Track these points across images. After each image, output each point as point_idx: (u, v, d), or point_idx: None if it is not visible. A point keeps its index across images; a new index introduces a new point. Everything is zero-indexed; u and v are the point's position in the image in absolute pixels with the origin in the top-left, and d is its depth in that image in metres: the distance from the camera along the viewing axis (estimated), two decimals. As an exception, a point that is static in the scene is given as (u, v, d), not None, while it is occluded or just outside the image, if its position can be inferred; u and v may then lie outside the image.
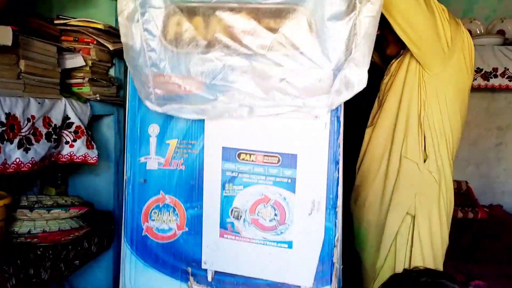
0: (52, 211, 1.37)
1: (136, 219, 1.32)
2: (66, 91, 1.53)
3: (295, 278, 1.27)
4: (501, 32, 3.60)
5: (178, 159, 1.30)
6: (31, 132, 1.26)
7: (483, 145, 3.75)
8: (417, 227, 1.54)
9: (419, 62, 1.49)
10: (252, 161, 1.28)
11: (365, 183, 1.68)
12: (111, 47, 1.60)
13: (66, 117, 1.45)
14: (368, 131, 1.69)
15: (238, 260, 1.29)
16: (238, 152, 1.27)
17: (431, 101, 1.51)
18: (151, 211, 1.32)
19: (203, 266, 1.31)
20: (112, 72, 1.82)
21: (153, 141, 1.30)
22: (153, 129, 1.30)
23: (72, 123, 1.48)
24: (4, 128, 1.15)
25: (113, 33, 1.63)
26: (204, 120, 1.27)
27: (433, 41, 1.41)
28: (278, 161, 1.25)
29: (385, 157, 1.60)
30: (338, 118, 1.23)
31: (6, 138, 1.16)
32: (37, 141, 1.29)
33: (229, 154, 1.27)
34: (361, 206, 1.70)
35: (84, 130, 1.52)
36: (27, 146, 1.25)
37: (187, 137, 1.29)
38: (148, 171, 1.30)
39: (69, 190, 1.86)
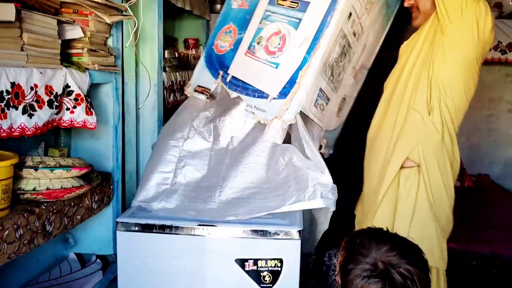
0: (55, 171, 1.52)
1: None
2: (66, 60, 1.65)
3: (272, 89, 1.82)
4: (498, 5, 3.61)
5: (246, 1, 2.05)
6: (34, 100, 1.39)
7: (475, 116, 3.85)
8: (421, 175, 1.75)
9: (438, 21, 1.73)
10: (282, 4, 1.87)
11: (376, 133, 1.92)
12: (108, 20, 1.70)
13: (66, 86, 1.58)
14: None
15: (248, 71, 1.91)
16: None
17: (438, 60, 1.74)
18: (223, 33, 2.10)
19: (228, 72, 2.00)
20: (110, 42, 1.93)
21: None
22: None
23: (72, 91, 1.61)
24: (9, 96, 1.28)
25: (110, 6, 1.73)
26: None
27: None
28: (297, 5, 1.81)
29: (395, 108, 1.83)
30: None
31: (12, 105, 1.30)
32: (40, 107, 1.43)
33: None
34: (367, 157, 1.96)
35: (84, 98, 1.64)
36: (31, 112, 1.38)
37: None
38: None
39: (72, 153, 2.01)
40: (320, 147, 2.01)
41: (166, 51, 2.76)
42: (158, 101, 2.40)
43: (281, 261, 1.50)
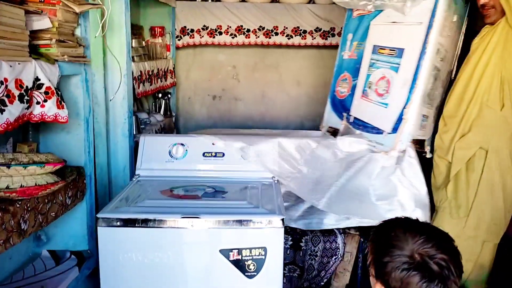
0: (28, 168, 1.47)
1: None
2: (34, 52, 1.58)
3: (386, 125, 2.17)
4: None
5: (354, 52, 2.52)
6: (4, 95, 1.33)
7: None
8: (488, 160, 1.93)
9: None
10: (382, 53, 2.25)
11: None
12: (77, 9, 1.64)
13: (36, 79, 1.52)
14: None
15: (365, 112, 2.32)
16: (377, 48, 2.29)
17: (509, 58, 1.87)
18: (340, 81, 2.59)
19: (350, 113, 2.44)
20: (78, 32, 1.86)
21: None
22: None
23: (42, 84, 1.54)
24: (-21, 92, 1.22)
25: (78, -6, 1.66)
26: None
27: None
28: (395, 53, 2.17)
29: (464, 104, 1.99)
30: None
31: (-18, 101, 1.24)
32: (11, 102, 1.36)
33: (375, 49, 2.30)
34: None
35: (54, 91, 1.58)
36: (2, 107, 1.32)
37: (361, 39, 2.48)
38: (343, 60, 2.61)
39: (41, 147, 1.94)
40: (425, 152, 2.25)
41: (133, 40, 2.70)
42: (128, 92, 2.35)
43: (265, 249, 1.53)
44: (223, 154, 2.04)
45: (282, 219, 1.54)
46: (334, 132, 2.56)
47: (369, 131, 2.28)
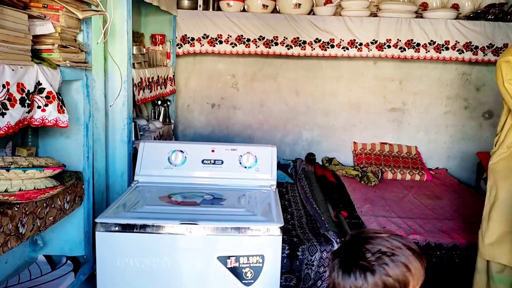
0: (27, 171, 1.47)
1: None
2: (36, 57, 1.59)
3: None
4: (455, 7, 3.79)
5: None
6: (6, 98, 1.34)
7: (433, 112, 4.04)
8: None
9: None
10: None
11: None
12: (80, 16, 1.66)
13: (38, 83, 1.52)
14: None
15: None
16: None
17: None
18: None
19: None
20: (80, 38, 1.87)
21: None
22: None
23: (44, 88, 1.55)
24: (-19, 94, 1.23)
25: (81, 0, 1.68)
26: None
27: None
28: None
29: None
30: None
31: (-16, 103, 1.24)
32: (12, 106, 1.37)
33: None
34: None
35: (56, 95, 1.59)
36: (3, 111, 1.33)
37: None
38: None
39: (40, 151, 1.94)
40: None
41: (134, 47, 2.72)
42: (128, 98, 2.36)
43: (262, 257, 1.52)
44: (222, 162, 2.04)
45: (280, 227, 1.55)
46: None
47: None
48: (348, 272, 1.00)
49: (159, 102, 3.48)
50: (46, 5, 1.63)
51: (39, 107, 1.55)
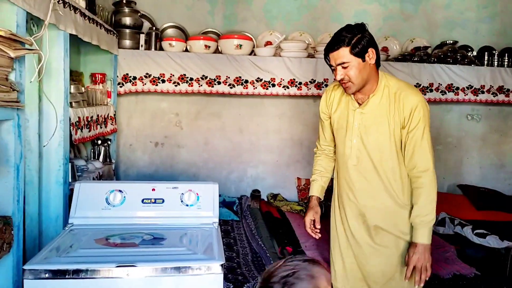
0: None
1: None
2: (-38, 96, 1.52)
3: None
4: (385, 49, 4.09)
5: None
6: None
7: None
8: None
9: None
10: None
11: None
12: (12, 54, 1.61)
13: (-38, 123, 1.45)
14: None
15: None
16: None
17: None
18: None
19: None
20: (12, 76, 1.81)
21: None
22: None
23: (-31, 128, 1.47)
24: None
25: (14, 39, 1.64)
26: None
27: None
28: None
29: None
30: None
31: None
32: None
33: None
34: None
35: (-18, 136, 1.51)
36: None
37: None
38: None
39: (-36, 196, 1.81)
40: None
41: (72, 86, 2.66)
42: (64, 138, 2.29)
43: (204, 296, 1.49)
44: (163, 200, 2.00)
45: (222, 265, 1.53)
46: None
47: None
48: None
49: (99, 142, 3.39)
50: (-25, 44, 1.57)
51: (-37, 148, 1.47)
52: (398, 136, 1.91)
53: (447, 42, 4.19)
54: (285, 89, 3.84)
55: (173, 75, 3.70)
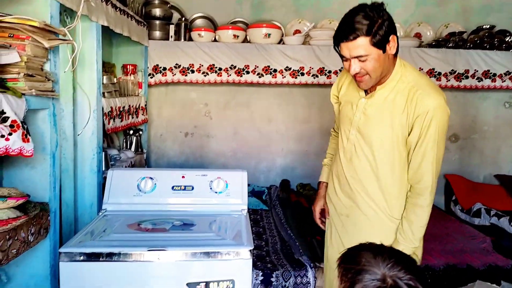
0: (-11, 202, 1.43)
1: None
2: (1, 85, 1.57)
3: None
4: (418, 36, 3.97)
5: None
6: (-33, 126, 1.32)
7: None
8: None
9: None
10: None
11: None
12: (46, 44, 1.66)
13: (1, 112, 1.50)
14: None
15: None
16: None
17: None
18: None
19: None
20: (47, 67, 1.87)
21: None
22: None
23: (8, 117, 1.53)
24: None
25: (48, 30, 1.69)
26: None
27: None
28: None
29: None
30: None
31: None
32: (-26, 134, 1.35)
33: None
34: None
35: (20, 124, 1.57)
36: (-36, 139, 1.30)
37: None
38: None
39: (4, 182, 1.89)
40: None
41: (104, 77, 2.72)
42: (98, 127, 2.35)
43: (232, 282, 1.50)
44: (193, 188, 2.03)
45: (250, 250, 1.54)
46: None
47: None
48: None
49: (131, 132, 3.46)
50: (12, 35, 1.62)
51: (2, 136, 1.53)
52: (402, 141, 1.62)
53: (484, 27, 4.03)
54: (314, 78, 3.80)
55: (202, 65, 3.73)
